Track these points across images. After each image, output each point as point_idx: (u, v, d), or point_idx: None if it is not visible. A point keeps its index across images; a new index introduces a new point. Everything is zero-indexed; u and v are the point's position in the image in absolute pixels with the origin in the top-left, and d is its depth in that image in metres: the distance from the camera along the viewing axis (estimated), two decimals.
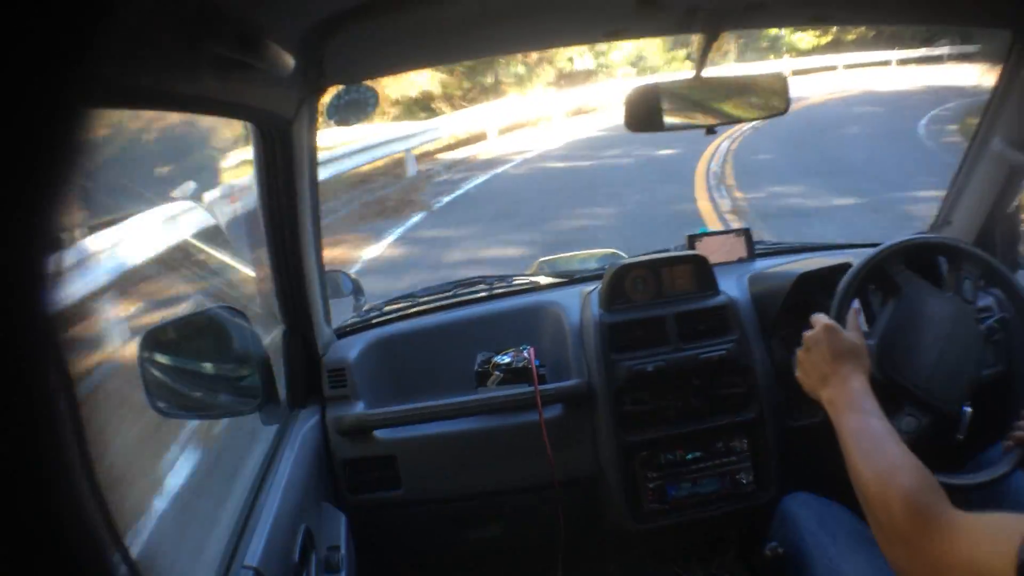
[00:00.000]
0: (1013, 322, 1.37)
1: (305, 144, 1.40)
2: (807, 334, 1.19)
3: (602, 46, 20.31)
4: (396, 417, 1.60)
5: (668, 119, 1.51)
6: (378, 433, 1.61)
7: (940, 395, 1.29)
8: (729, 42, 22.80)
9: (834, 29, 22.59)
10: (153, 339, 1.32)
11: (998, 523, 0.75)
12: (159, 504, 2.87)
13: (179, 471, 3.15)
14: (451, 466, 1.65)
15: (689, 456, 1.63)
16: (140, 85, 0.67)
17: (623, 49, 21.64)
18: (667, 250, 1.92)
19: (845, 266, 1.43)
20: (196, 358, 1.39)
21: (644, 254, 1.83)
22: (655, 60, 23.69)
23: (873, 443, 0.96)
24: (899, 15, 1.66)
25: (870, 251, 1.39)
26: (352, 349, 1.70)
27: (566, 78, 21.17)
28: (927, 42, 24.57)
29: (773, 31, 22.99)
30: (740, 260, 1.96)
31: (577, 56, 20.89)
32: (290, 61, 1.00)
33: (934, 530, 0.79)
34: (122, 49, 0.56)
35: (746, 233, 1.99)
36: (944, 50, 24.31)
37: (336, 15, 1.08)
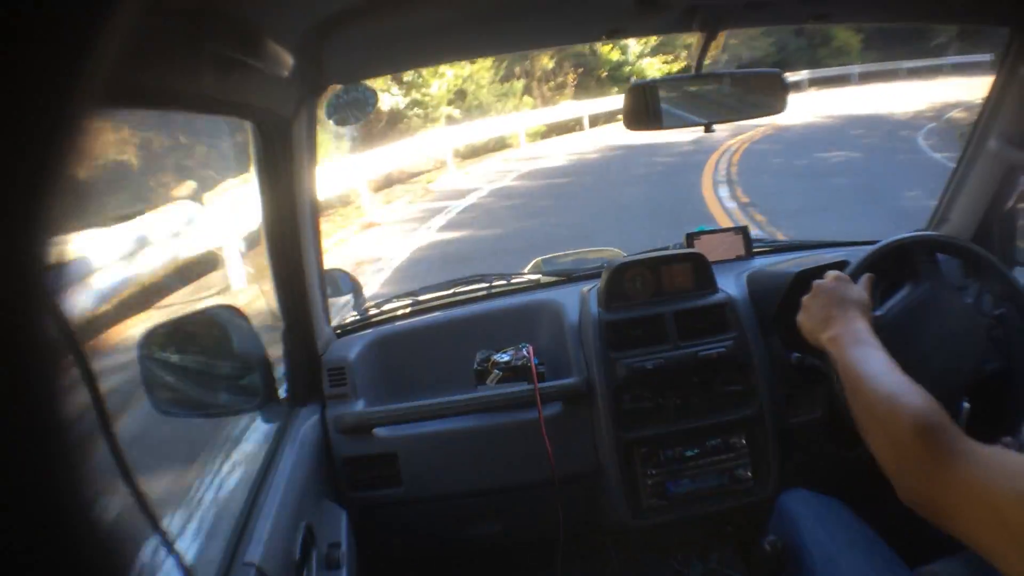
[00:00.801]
0: (1010, 317, 1.38)
1: (304, 143, 1.40)
2: (816, 282, 1.19)
3: (416, 78, 14.34)
4: (396, 415, 1.61)
5: (667, 117, 1.52)
6: (378, 431, 1.61)
7: (936, 386, 1.29)
8: (568, 72, 20.36)
9: (683, 55, 20.79)
10: (153, 338, 1.32)
11: (1016, 461, 0.73)
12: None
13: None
14: (451, 464, 1.66)
15: (688, 452, 1.64)
16: (139, 84, 0.68)
17: (444, 76, 15.12)
18: (666, 248, 1.92)
19: (842, 264, 1.44)
20: (196, 357, 1.40)
21: (643, 252, 1.84)
22: (485, 95, 16.73)
23: (880, 369, 0.94)
24: (899, 13, 1.66)
25: (861, 253, 1.40)
26: (352, 348, 1.71)
27: (360, 126, 12.31)
28: (781, 65, 22.35)
29: (616, 55, 20.48)
30: (738, 258, 1.96)
31: (382, 91, 13.34)
32: (289, 60, 1.01)
33: (947, 455, 0.77)
34: (121, 48, 0.56)
35: (744, 231, 1.99)
36: (803, 75, 23.38)
37: (336, 14, 1.08)
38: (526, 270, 2.21)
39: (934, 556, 1.16)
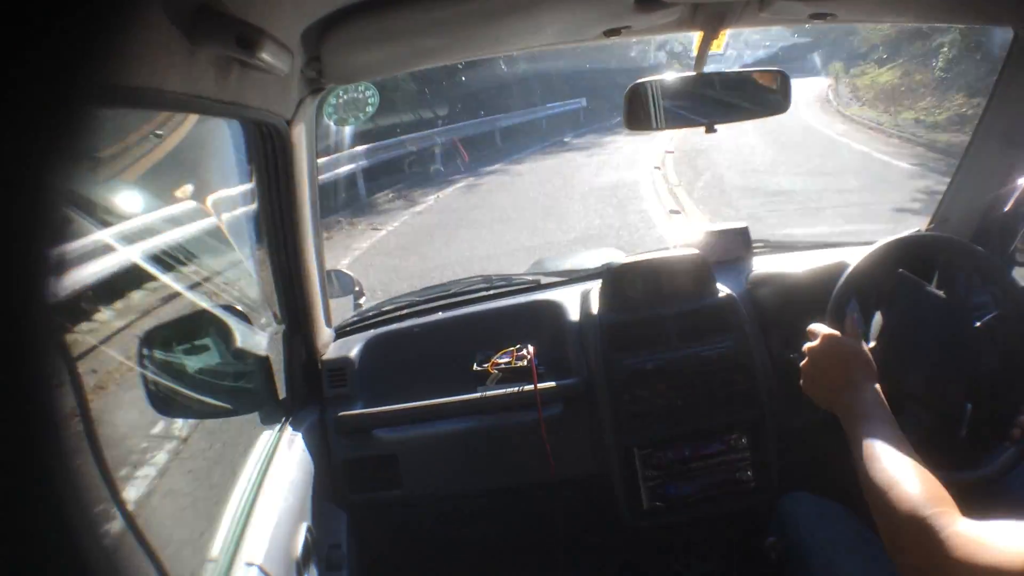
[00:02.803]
0: (1008, 317, 1.37)
1: (304, 143, 1.40)
2: (809, 347, 1.17)
3: None
4: (396, 416, 1.60)
5: (668, 117, 1.51)
6: (378, 432, 1.61)
7: (940, 394, 1.29)
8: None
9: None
10: (153, 339, 1.32)
11: (1005, 530, 0.75)
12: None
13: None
14: (451, 465, 1.65)
15: (688, 454, 1.63)
16: (138, 85, 0.67)
17: None
18: (666, 249, 1.92)
19: (842, 264, 1.43)
20: (196, 358, 1.40)
21: (643, 252, 1.83)
22: None
23: (884, 453, 0.95)
24: (901, 13, 1.66)
25: (857, 257, 1.39)
26: (352, 348, 1.71)
27: None
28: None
29: None
30: (738, 259, 1.95)
31: None
32: (288, 61, 1.01)
33: (939, 541, 0.80)
34: (120, 49, 0.56)
35: (744, 232, 1.99)
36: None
37: (334, 14, 1.08)
38: (527, 271, 2.21)
39: None
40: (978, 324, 1.36)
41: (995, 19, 1.54)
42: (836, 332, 1.16)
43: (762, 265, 1.85)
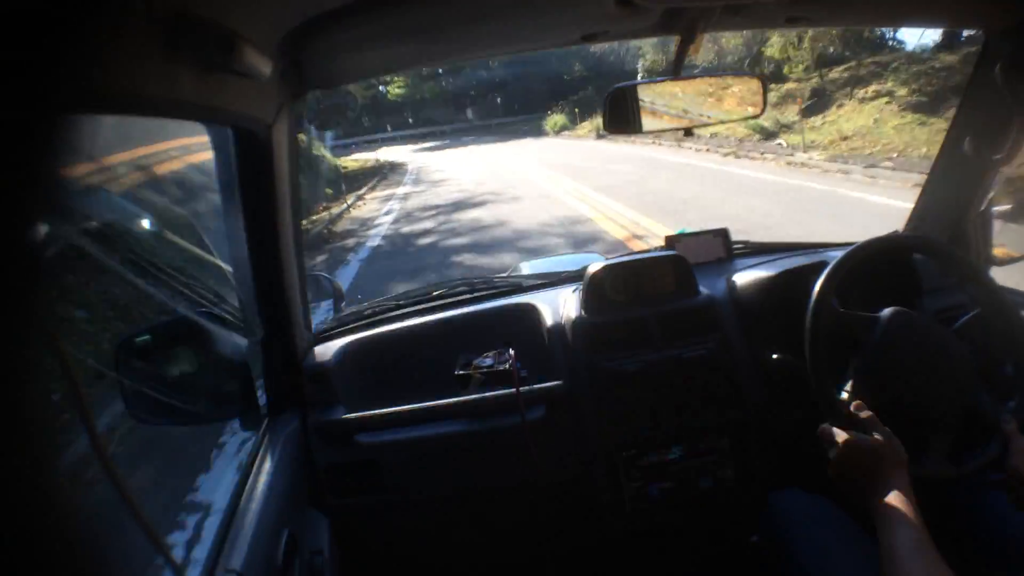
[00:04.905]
0: (989, 315, 1.39)
1: (284, 148, 1.39)
2: (832, 458, 1.18)
3: None
4: (377, 420, 1.60)
5: (646, 121, 1.52)
6: (360, 437, 1.60)
7: (925, 398, 1.31)
8: None
9: None
10: (131, 345, 1.30)
11: None
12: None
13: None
14: (434, 469, 1.65)
15: (672, 456, 1.64)
16: (115, 90, 0.67)
17: None
18: (647, 251, 1.93)
19: (822, 264, 1.45)
20: (174, 364, 1.38)
21: (623, 254, 1.85)
22: None
23: (901, 562, 0.98)
24: (874, 16, 1.68)
25: (836, 258, 1.40)
26: (332, 353, 1.70)
27: None
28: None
29: None
30: (719, 260, 1.97)
31: None
32: (268, 65, 1.00)
33: None
34: (99, 54, 0.55)
35: (724, 233, 2.01)
36: None
37: (314, 19, 1.08)
38: (508, 273, 2.21)
39: None
40: (956, 325, 1.38)
41: (966, 22, 1.57)
42: (851, 436, 1.17)
43: (743, 266, 1.87)
